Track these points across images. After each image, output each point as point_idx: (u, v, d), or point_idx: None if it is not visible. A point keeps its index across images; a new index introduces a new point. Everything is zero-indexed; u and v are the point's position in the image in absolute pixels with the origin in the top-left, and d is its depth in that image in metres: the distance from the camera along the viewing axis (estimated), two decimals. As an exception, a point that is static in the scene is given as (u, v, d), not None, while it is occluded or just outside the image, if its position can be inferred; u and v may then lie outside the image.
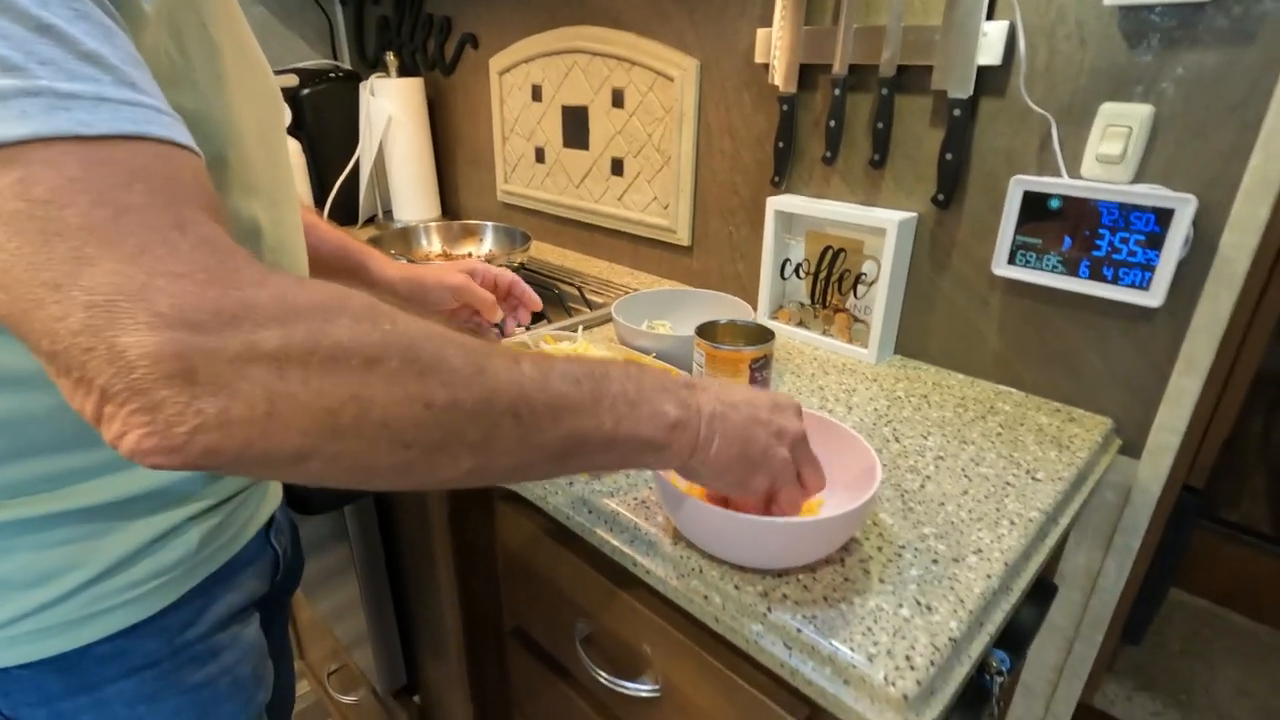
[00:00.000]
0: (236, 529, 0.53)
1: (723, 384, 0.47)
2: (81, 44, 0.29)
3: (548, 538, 0.67)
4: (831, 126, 0.86)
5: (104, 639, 0.46)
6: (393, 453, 0.32)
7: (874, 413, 0.75)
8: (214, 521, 0.50)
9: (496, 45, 1.32)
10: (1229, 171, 0.63)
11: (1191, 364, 0.68)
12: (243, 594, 0.55)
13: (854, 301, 0.90)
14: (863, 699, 0.44)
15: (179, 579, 0.48)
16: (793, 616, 0.48)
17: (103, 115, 0.28)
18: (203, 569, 0.50)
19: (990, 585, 0.51)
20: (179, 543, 0.48)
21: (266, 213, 0.48)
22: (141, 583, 0.46)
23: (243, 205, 0.45)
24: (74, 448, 0.42)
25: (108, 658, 0.46)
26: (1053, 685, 0.89)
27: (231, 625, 0.54)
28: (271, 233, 0.49)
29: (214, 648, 0.52)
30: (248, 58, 0.47)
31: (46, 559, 0.43)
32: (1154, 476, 0.74)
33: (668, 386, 0.43)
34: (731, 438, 0.44)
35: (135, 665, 0.48)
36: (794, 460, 0.47)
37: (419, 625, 0.92)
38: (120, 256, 0.27)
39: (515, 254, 1.09)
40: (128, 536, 0.45)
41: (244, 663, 0.55)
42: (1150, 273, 0.66)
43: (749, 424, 0.45)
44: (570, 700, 0.72)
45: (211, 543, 0.50)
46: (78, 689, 0.46)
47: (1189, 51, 0.62)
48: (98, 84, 0.29)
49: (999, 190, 0.76)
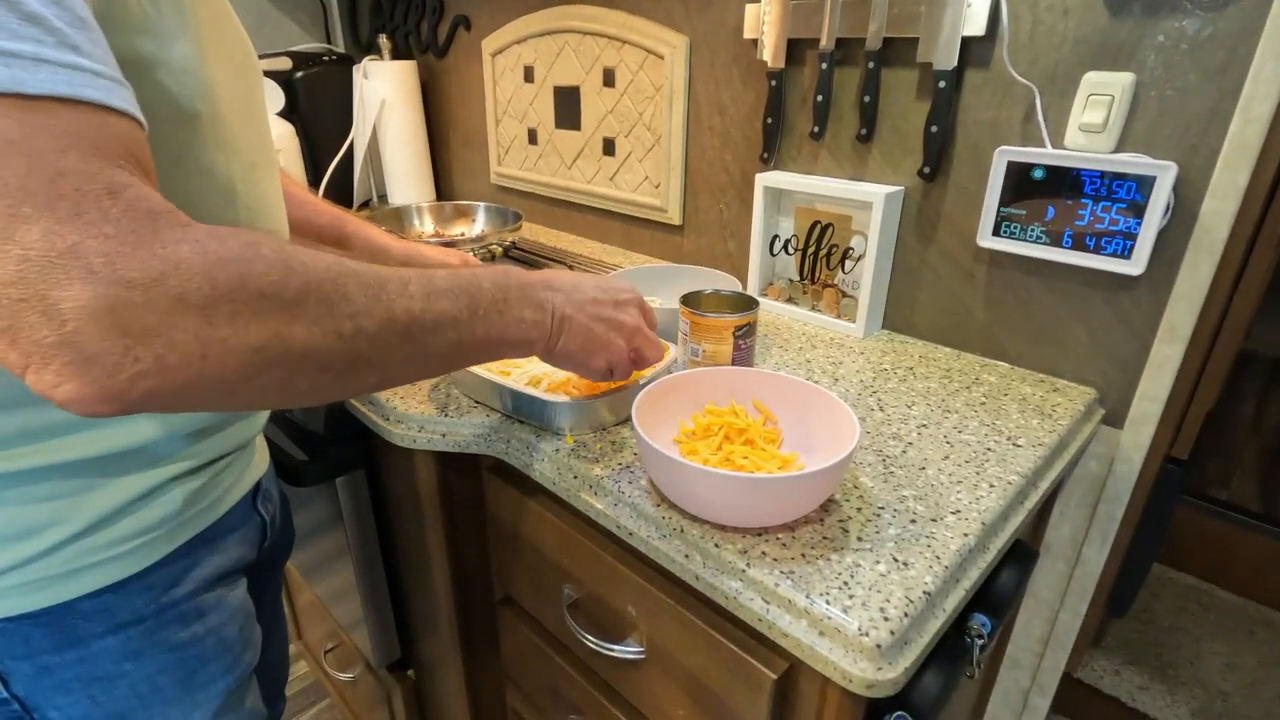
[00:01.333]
0: (220, 493, 0.54)
1: (575, 283, 0.55)
2: (25, 5, 0.30)
3: (534, 505, 0.68)
4: (819, 101, 0.86)
5: (89, 594, 0.46)
6: (312, 377, 0.37)
7: (860, 384, 0.76)
8: (197, 484, 0.51)
9: (489, 27, 1.32)
10: (1209, 138, 0.63)
11: (1173, 332, 0.69)
12: (228, 558, 0.56)
13: (842, 276, 0.90)
14: (837, 649, 0.45)
15: (163, 538, 0.49)
16: (770, 572, 0.48)
17: (40, 76, 0.29)
18: (186, 530, 0.51)
19: (966, 544, 0.52)
20: (162, 502, 0.49)
21: (242, 173, 0.49)
22: (125, 540, 0.47)
23: (218, 161, 0.46)
24: None
25: (93, 613, 0.47)
26: (1039, 657, 0.90)
27: (217, 587, 0.55)
28: (247, 193, 0.49)
29: (199, 608, 0.53)
30: (222, 26, 0.47)
31: (31, 513, 0.44)
32: (1136, 446, 0.74)
33: (529, 292, 0.51)
34: (576, 333, 0.54)
35: (120, 621, 0.48)
36: (631, 346, 0.58)
37: (412, 600, 0.93)
38: (56, 217, 0.29)
39: (506, 233, 1.09)
40: (111, 493, 0.46)
41: (230, 624, 0.56)
42: (1132, 241, 0.67)
43: (592, 321, 0.55)
44: (559, 667, 0.73)
45: (195, 504, 0.51)
46: (64, 644, 0.47)
47: (1169, 19, 0.62)
48: (38, 45, 0.30)
49: (984, 162, 0.76)
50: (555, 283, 0.54)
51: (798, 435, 0.60)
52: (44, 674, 0.47)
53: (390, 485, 0.85)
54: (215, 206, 0.47)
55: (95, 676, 0.49)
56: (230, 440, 0.54)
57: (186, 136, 0.43)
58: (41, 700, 0.48)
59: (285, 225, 0.57)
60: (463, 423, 0.69)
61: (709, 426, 0.61)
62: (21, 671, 0.47)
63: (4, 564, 0.44)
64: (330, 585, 1.06)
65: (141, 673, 0.50)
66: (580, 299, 0.55)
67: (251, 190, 0.50)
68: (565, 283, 0.55)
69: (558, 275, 0.55)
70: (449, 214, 1.21)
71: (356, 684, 1.19)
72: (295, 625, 1.43)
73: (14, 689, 0.47)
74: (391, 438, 0.70)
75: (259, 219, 0.52)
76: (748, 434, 0.59)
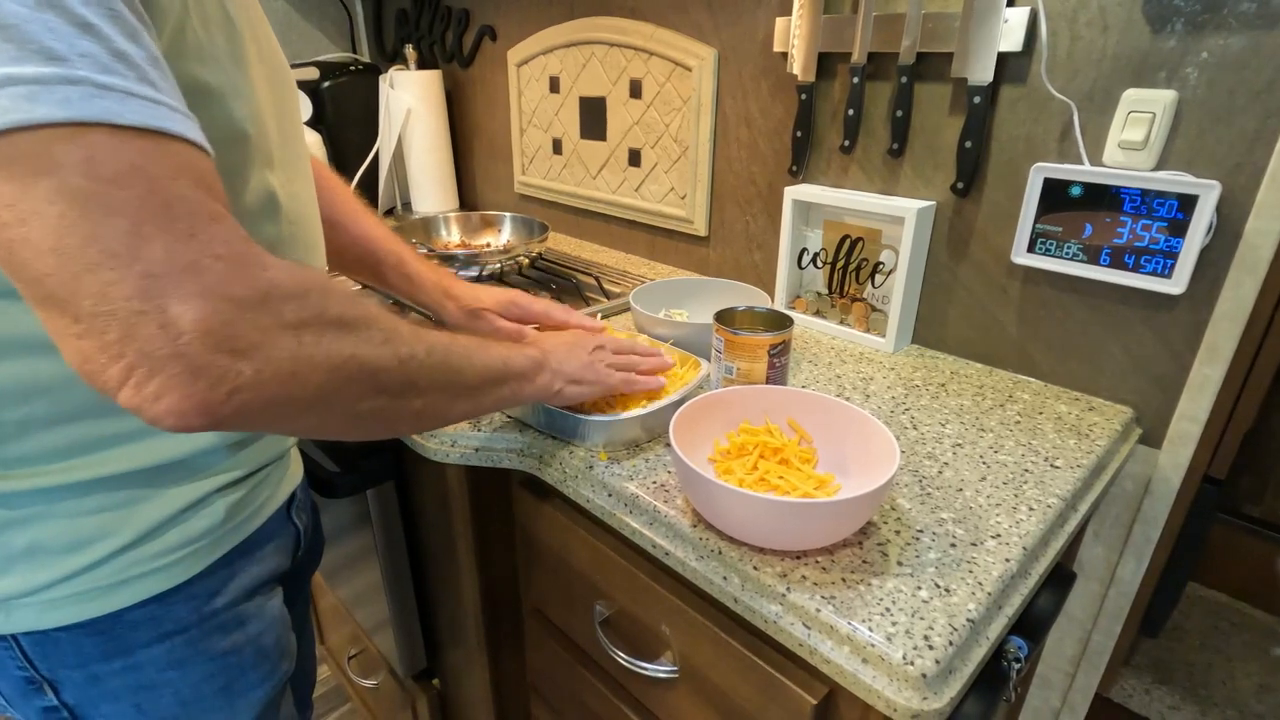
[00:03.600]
0: (260, 503, 0.55)
1: (562, 355, 0.62)
2: (115, 42, 0.31)
3: (568, 521, 0.68)
4: (850, 115, 0.86)
5: (136, 604, 0.47)
6: (372, 399, 0.41)
7: (891, 400, 0.75)
8: (239, 495, 0.52)
9: (515, 37, 1.33)
10: (1254, 157, 0.62)
11: (1214, 352, 0.68)
12: (266, 567, 0.57)
13: (871, 291, 0.90)
14: (881, 677, 0.44)
15: (206, 548, 0.50)
16: (811, 597, 0.48)
17: (131, 107, 0.31)
18: (228, 540, 0.52)
19: (1009, 569, 0.51)
20: (207, 513, 0.50)
21: (284, 187, 0.50)
22: (172, 551, 0.48)
23: (265, 178, 0.47)
24: (109, 414, 0.43)
25: (140, 623, 0.48)
26: (1070, 677, 0.89)
27: (256, 596, 0.56)
28: (289, 206, 0.51)
29: (240, 617, 0.54)
30: (261, 43, 0.49)
31: (83, 526, 0.45)
32: (1174, 466, 0.73)
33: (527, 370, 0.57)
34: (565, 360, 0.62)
35: (166, 631, 0.49)
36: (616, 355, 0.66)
37: (439, 609, 0.94)
38: (174, 237, 0.32)
39: (533, 244, 1.10)
40: (159, 505, 0.47)
41: (268, 633, 0.56)
42: (1172, 260, 0.66)
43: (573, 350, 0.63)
44: (588, 681, 0.73)
45: (237, 515, 0.52)
46: (113, 653, 0.48)
47: (1213, 36, 0.62)
48: (125, 79, 0.31)
49: (1019, 178, 0.75)
50: (540, 349, 0.61)
51: (832, 455, 0.60)
52: (93, 683, 0.48)
53: (420, 497, 0.85)
54: (262, 221, 0.48)
55: (141, 685, 0.50)
56: (268, 451, 0.55)
57: (239, 157, 0.45)
58: (90, 708, 0.49)
59: (320, 233, 0.59)
60: (496, 438, 0.69)
61: (744, 445, 0.60)
62: (72, 680, 0.48)
63: (56, 576, 0.45)
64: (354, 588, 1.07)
65: (185, 681, 0.51)
66: (559, 349, 0.63)
67: (292, 203, 0.51)
68: (551, 347, 0.62)
69: (540, 343, 0.63)
70: (475, 224, 1.21)
71: (379, 690, 1.19)
72: (318, 629, 1.44)
73: (64, 697, 0.48)
74: (425, 452, 0.71)
75: (299, 229, 0.53)
76: (783, 453, 0.59)
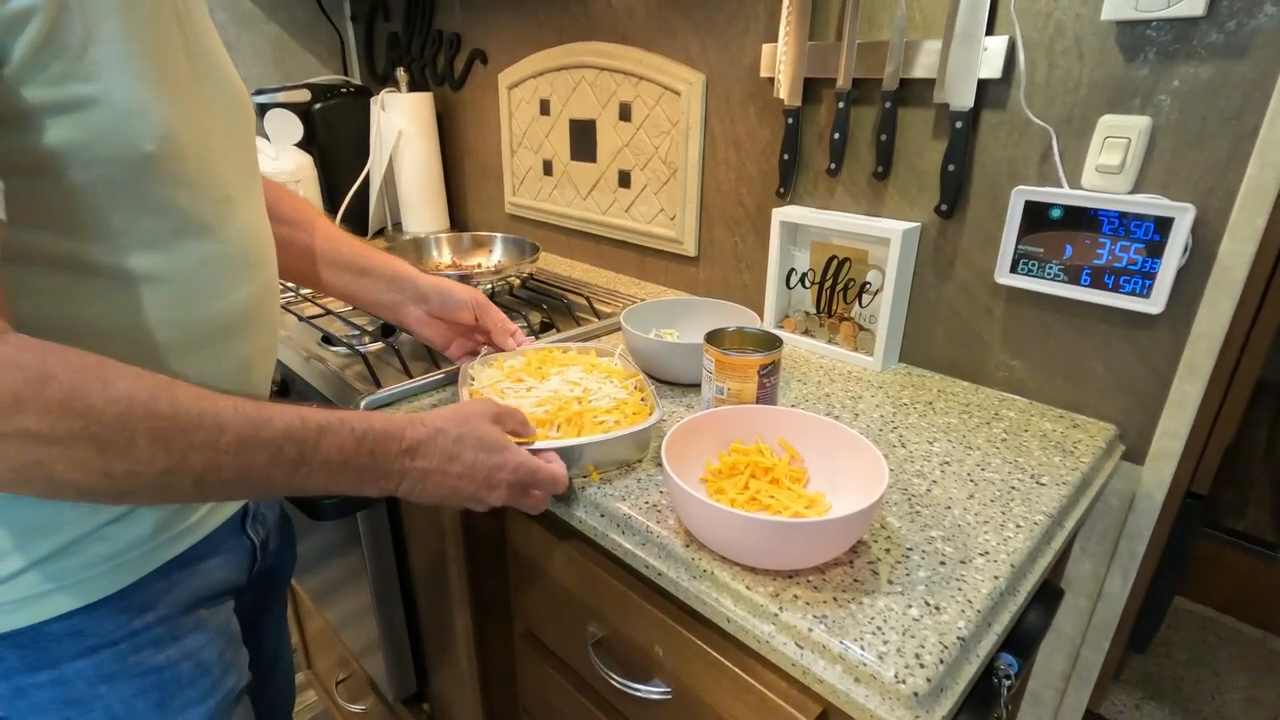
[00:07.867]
0: (195, 519, 0.54)
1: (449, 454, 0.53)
2: None
3: (559, 542, 0.68)
4: (835, 139, 0.88)
5: (59, 616, 0.47)
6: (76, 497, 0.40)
7: (880, 419, 0.76)
8: (166, 510, 0.51)
9: (505, 61, 1.34)
10: (1226, 180, 0.64)
11: (1193, 370, 0.69)
12: (208, 581, 0.56)
13: (859, 310, 0.91)
14: (874, 696, 0.45)
15: (134, 562, 0.50)
16: (803, 617, 0.48)
17: None
18: (161, 554, 0.51)
19: (998, 586, 0.52)
20: (132, 528, 0.49)
21: (213, 209, 0.49)
22: (95, 564, 0.48)
23: (178, 197, 0.46)
24: None
25: (63, 635, 0.48)
26: (1060, 693, 0.89)
27: (197, 610, 0.55)
28: (222, 227, 0.50)
29: (175, 632, 0.53)
30: (198, 61, 0.48)
31: (1, 537, 0.44)
32: (1157, 482, 0.75)
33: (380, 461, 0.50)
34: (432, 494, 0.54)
35: (92, 645, 0.49)
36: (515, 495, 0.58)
37: (429, 632, 0.93)
38: None
39: (524, 264, 1.10)
40: (81, 518, 0.47)
41: (209, 648, 0.56)
42: (1151, 280, 0.67)
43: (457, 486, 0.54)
44: (580, 704, 0.73)
45: (166, 530, 0.52)
46: (36, 665, 0.47)
47: (1184, 65, 0.64)
48: None
49: (1001, 200, 0.77)
50: (423, 450, 0.52)
51: (823, 474, 0.61)
52: (20, 695, 0.48)
53: (410, 518, 0.85)
54: (181, 240, 0.47)
55: (70, 699, 0.49)
56: None
57: (137, 174, 0.44)
58: None
59: (271, 256, 0.58)
60: (487, 459, 0.69)
61: (735, 465, 0.61)
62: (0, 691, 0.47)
63: None
64: (342, 610, 1.06)
65: (116, 695, 0.51)
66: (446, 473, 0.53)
67: (226, 224, 0.51)
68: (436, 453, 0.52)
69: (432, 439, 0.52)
70: (467, 245, 1.22)
71: (367, 716, 1.18)
72: (305, 654, 1.42)
73: None
74: (416, 473, 0.70)
75: (238, 251, 0.52)
76: (774, 473, 0.60)
